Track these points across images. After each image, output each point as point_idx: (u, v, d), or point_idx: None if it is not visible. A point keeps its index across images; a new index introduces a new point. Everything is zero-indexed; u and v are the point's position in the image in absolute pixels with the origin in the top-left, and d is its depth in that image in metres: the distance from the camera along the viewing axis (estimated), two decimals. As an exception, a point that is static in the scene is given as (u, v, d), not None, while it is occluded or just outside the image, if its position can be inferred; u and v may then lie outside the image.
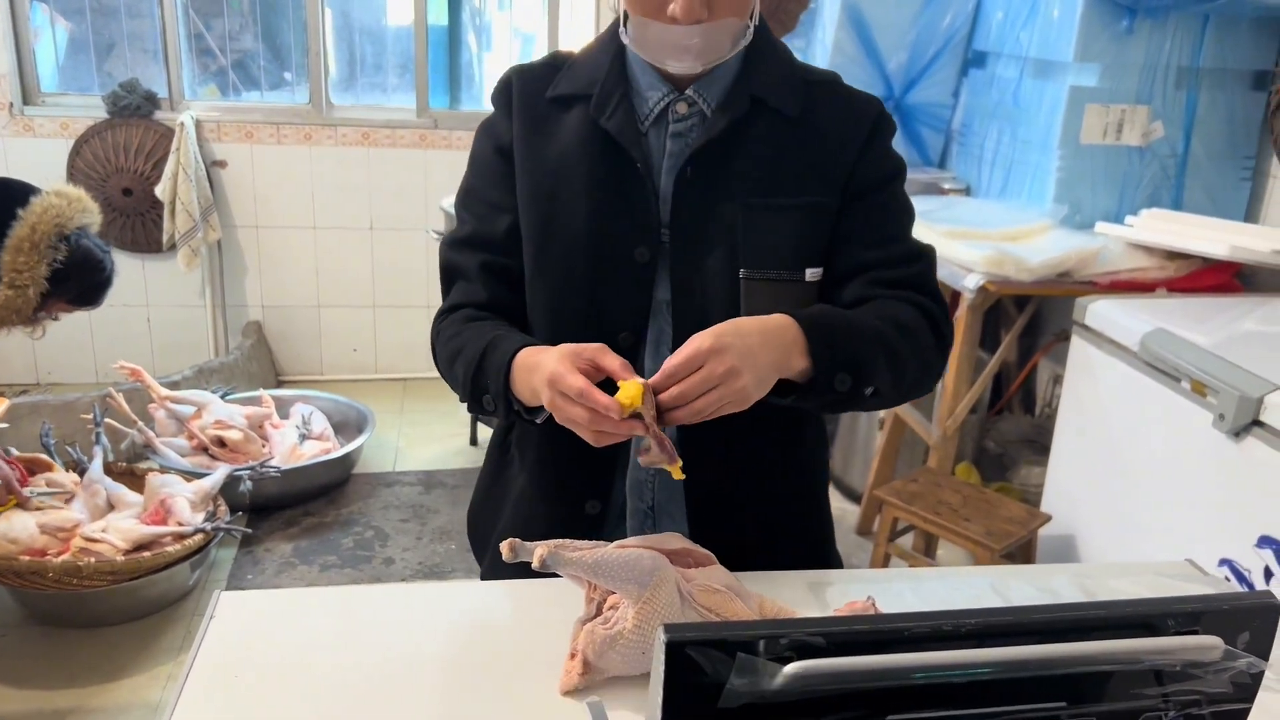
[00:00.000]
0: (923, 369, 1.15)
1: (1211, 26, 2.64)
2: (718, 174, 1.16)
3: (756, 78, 1.18)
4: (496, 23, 4.32)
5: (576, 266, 1.18)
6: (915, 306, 1.16)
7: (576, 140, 1.18)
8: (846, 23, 3.15)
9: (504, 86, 1.24)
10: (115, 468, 2.82)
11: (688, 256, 1.16)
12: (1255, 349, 2.05)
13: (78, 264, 2.15)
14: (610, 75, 1.19)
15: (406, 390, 4.01)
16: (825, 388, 1.05)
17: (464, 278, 1.24)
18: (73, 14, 3.88)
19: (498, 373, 1.09)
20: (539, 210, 1.19)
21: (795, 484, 1.29)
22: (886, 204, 1.21)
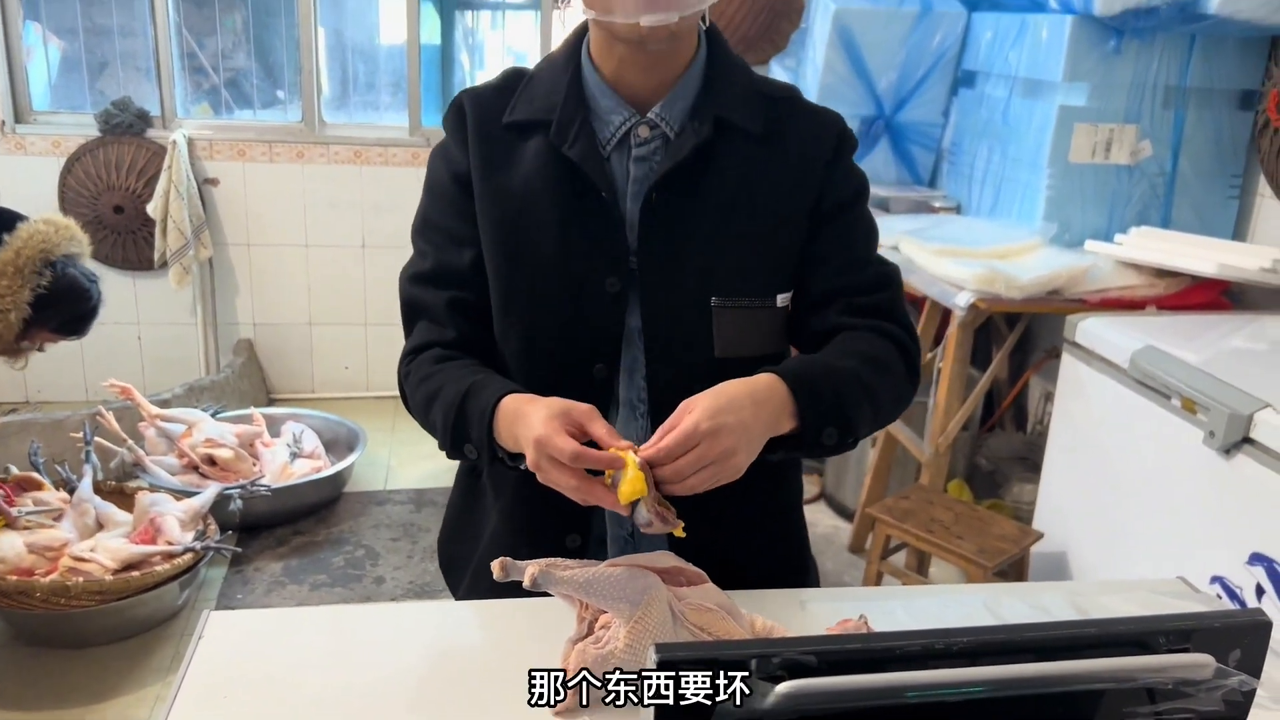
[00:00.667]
0: (895, 400, 1.17)
1: (1198, 47, 2.67)
2: (685, 200, 1.14)
3: (718, 97, 1.16)
4: (489, 41, 4.34)
5: (547, 300, 1.16)
6: (886, 337, 1.16)
7: (538, 169, 1.15)
8: (837, 42, 3.17)
9: (456, 111, 1.20)
10: (104, 486, 2.81)
11: (658, 285, 1.15)
12: (1245, 366, 2.06)
13: (62, 291, 2.16)
14: (569, 99, 1.15)
15: (398, 408, 3.98)
16: (813, 443, 1.07)
17: (429, 315, 1.21)
18: (65, 32, 3.89)
19: (481, 420, 1.07)
20: (504, 243, 1.17)
21: (772, 501, 1.29)
22: (853, 226, 1.21)
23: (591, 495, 0.99)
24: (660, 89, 1.15)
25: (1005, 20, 2.97)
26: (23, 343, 2.17)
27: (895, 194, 3.24)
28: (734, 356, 1.14)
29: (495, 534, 1.27)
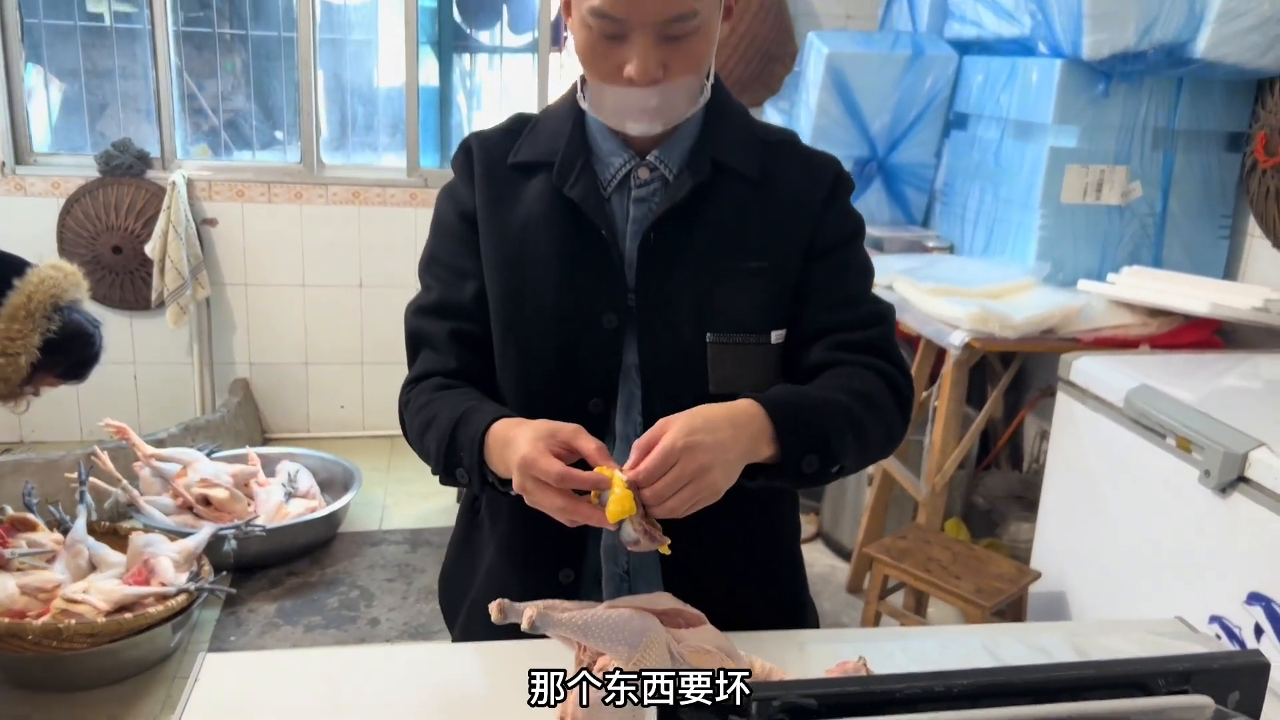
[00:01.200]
0: (885, 436, 1.17)
1: (1185, 90, 2.71)
2: (681, 239, 1.17)
3: (716, 140, 1.18)
4: (486, 84, 4.39)
5: (545, 334, 1.18)
6: (877, 372, 1.17)
7: (540, 208, 1.18)
8: (830, 85, 3.21)
9: (464, 153, 1.24)
10: (98, 527, 2.79)
11: (655, 322, 1.17)
12: (1239, 405, 2.07)
13: (70, 336, 2.18)
14: (571, 142, 1.19)
15: (394, 447, 3.99)
16: (793, 471, 1.06)
17: (431, 346, 1.23)
18: (66, 74, 3.93)
19: (471, 445, 1.08)
20: (506, 278, 1.19)
21: (767, 539, 1.29)
22: (847, 264, 1.22)
23: (579, 515, 0.99)
24: (661, 137, 1.18)
25: (996, 64, 3.01)
26: (25, 386, 2.18)
27: (889, 234, 3.27)
28: (729, 392, 1.15)
29: (491, 568, 1.28)
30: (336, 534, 3.32)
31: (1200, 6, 2.50)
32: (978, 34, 3.13)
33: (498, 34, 4.23)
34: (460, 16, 4.15)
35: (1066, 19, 2.59)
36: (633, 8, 1.04)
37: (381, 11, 4.10)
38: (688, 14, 1.05)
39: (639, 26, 1.05)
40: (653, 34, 1.06)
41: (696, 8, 1.06)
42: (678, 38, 1.07)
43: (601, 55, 1.09)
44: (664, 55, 1.07)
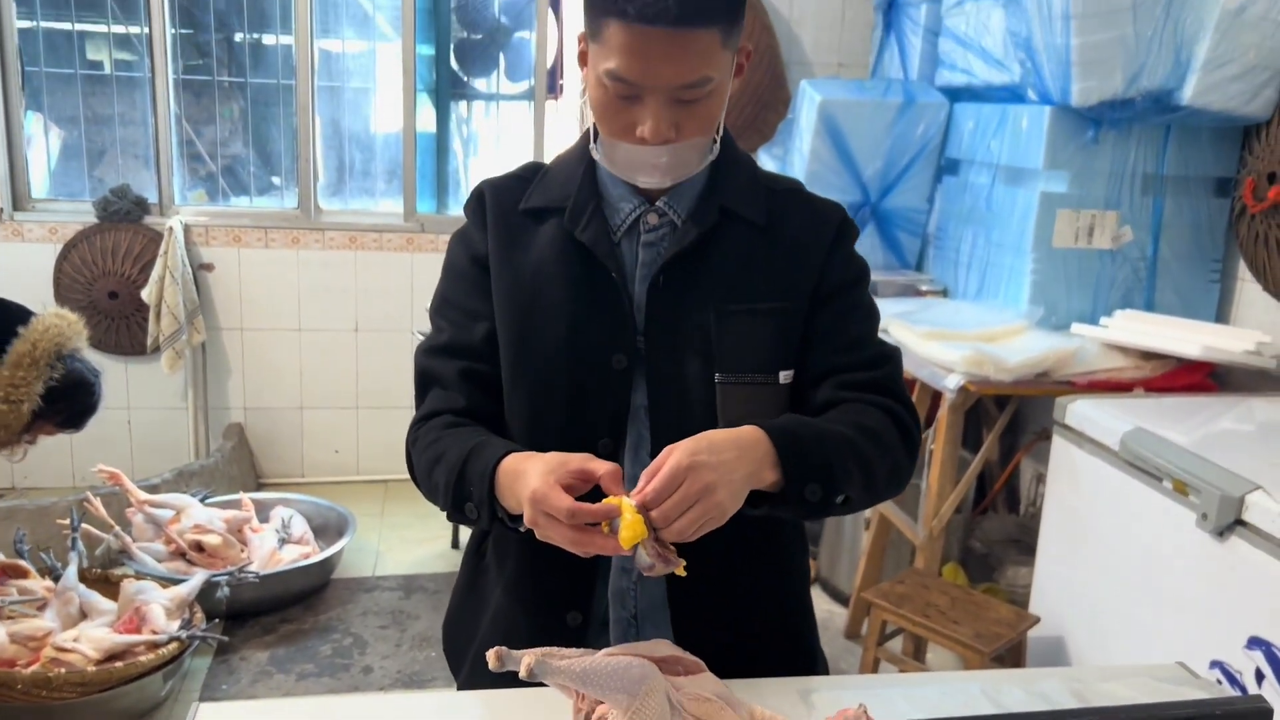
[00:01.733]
0: (892, 472, 1.16)
1: (1173, 137, 2.75)
2: (690, 282, 1.19)
3: (724, 189, 1.21)
4: (483, 130, 4.43)
5: (555, 373, 1.19)
6: (883, 410, 1.17)
7: (552, 251, 1.21)
8: (823, 132, 3.25)
9: (477, 199, 1.27)
10: (90, 574, 2.77)
11: (663, 362, 1.18)
12: (1234, 448, 2.07)
13: (73, 385, 2.19)
14: (583, 188, 1.22)
15: (388, 492, 3.97)
16: (797, 498, 1.06)
17: (441, 384, 1.24)
18: (65, 121, 3.96)
19: (481, 480, 1.08)
20: (517, 319, 1.21)
21: (777, 585, 1.29)
22: (853, 307, 1.24)
23: (592, 546, 0.99)
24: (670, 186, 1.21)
25: (986, 111, 3.06)
26: (24, 435, 2.18)
27: (883, 278, 3.29)
28: None
29: (498, 611, 1.28)
30: (330, 580, 3.29)
31: (1186, 55, 2.54)
32: (968, 81, 3.18)
33: (494, 81, 4.28)
34: (457, 64, 4.20)
35: (1055, 67, 2.63)
36: (648, 74, 1.07)
37: (379, 59, 4.15)
38: (701, 81, 1.08)
39: (653, 90, 1.08)
40: (666, 97, 1.09)
41: (710, 74, 1.09)
42: (690, 101, 1.10)
43: (616, 113, 1.12)
44: (676, 116, 1.10)
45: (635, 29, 1.04)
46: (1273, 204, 2.59)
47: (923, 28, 3.44)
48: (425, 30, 4.06)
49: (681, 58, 1.06)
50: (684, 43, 1.05)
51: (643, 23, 1.04)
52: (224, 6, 3.95)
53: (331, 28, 4.04)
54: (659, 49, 1.05)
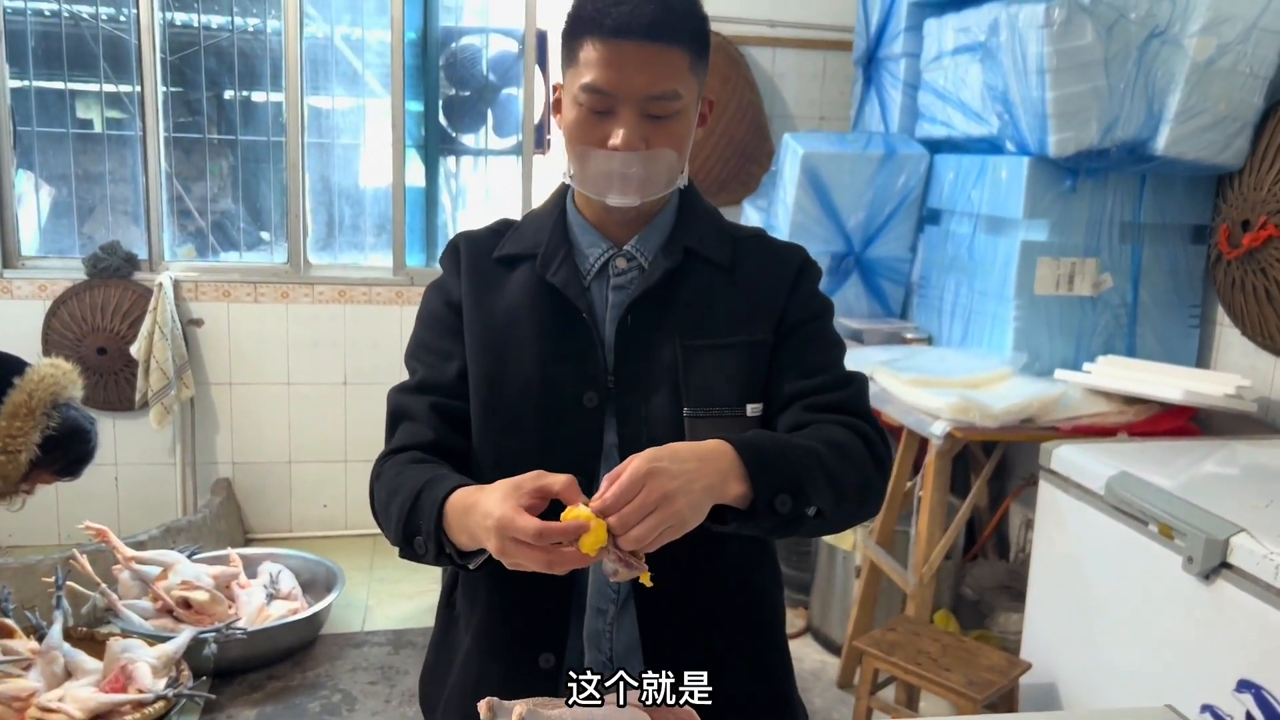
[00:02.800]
0: (862, 487, 1.17)
1: (1149, 185, 2.80)
2: (656, 320, 1.23)
3: (689, 232, 1.27)
4: (471, 185, 4.49)
5: (526, 412, 1.22)
6: (848, 428, 1.19)
7: (524, 295, 1.25)
8: (806, 184, 3.31)
9: (452, 250, 1.32)
10: (75, 633, 2.74)
11: (633, 399, 1.21)
12: (1218, 491, 2.09)
13: (69, 434, 2.20)
14: (554, 236, 1.27)
15: (376, 546, 3.95)
16: (766, 510, 1.06)
17: (411, 418, 1.26)
18: (56, 179, 3.99)
19: (430, 512, 1.09)
20: (488, 360, 1.24)
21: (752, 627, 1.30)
22: (814, 337, 1.27)
23: (562, 563, 0.99)
24: (637, 229, 1.26)
25: (966, 162, 3.12)
26: (21, 484, 2.18)
27: (868, 326, 3.33)
28: None
29: (468, 655, 1.27)
30: (318, 636, 3.26)
31: (1158, 106, 2.61)
32: (947, 134, 3.24)
33: (482, 137, 4.34)
34: (446, 120, 4.26)
35: (1032, 119, 2.69)
36: (621, 83, 1.14)
37: (368, 115, 4.21)
38: (670, 94, 1.16)
39: (626, 101, 1.15)
40: (637, 110, 1.16)
41: (678, 89, 1.16)
42: (660, 117, 1.17)
43: (589, 128, 1.18)
44: (647, 130, 1.17)
45: (610, 43, 1.14)
46: (1248, 250, 2.64)
47: (902, 82, 3.51)
48: (414, 87, 4.12)
49: (652, 68, 1.15)
50: (654, 55, 1.15)
51: (617, 36, 1.14)
52: (215, 65, 4.00)
53: (321, 85, 4.10)
54: (632, 59, 1.14)
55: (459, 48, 4.23)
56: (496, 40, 4.25)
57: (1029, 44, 2.61)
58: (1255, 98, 2.60)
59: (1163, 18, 2.56)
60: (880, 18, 3.65)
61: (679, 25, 1.16)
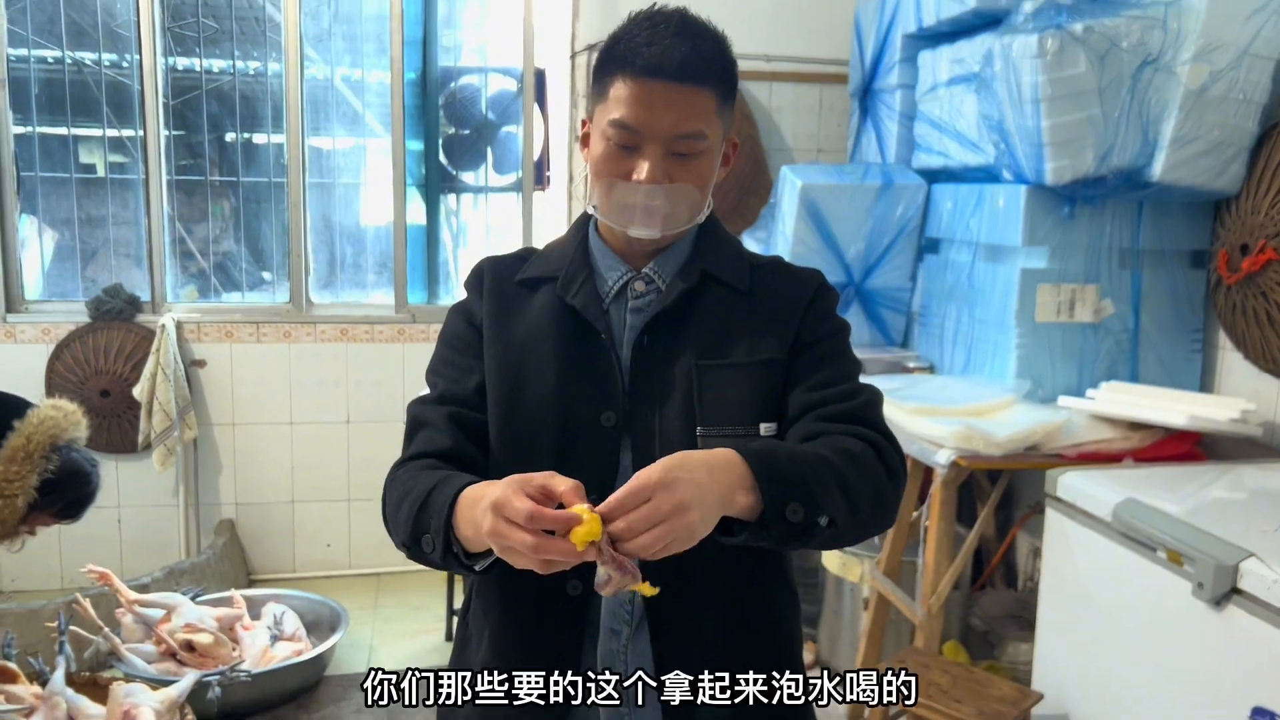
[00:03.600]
0: (876, 498, 1.15)
1: (1146, 211, 2.81)
2: (673, 339, 1.24)
3: (707, 257, 1.29)
4: (472, 222, 4.51)
5: (544, 431, 1.23)
6: (860, 438, 1.18)
7: (544, 316, 1.28)
8: (805, 215, 3.32)
9: (476, 274, 1.35)
10: (78, 678, 2.72)
11: (648, 419, 1.22)
12: (1225, 516, 2.08)
13: (68, 476, 2.18)
14: (574, 261, 1.30)
15: (380, 585, 3.93)
16: (777, 519, 1.05)
17: (429, 427, 1.27)
18: (59, 224, 4.02)
19: (440, 509, 1.09)
20: (508, 379, 1.26)
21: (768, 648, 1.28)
22: (830, 353, 1.28)
23: (550, 551, 0.97)
24: (655, 250, 1.29)
25: (963, 191, 3.13)
26: (21, 526, 2.17)
27: (870, 355, 3.33)
28: None
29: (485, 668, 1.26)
30: (323, 677, 3.23)
31: (1153, 134, 2.62)
32: (944, 163, 3.26)
33: (482, 175, 4.37)
34: (446, 159, 4.29)
35: (1028, 148, 2.71)
36: (650, 121, 1.18)
37: (369, 155, 4.24)
38: (697, 134, 1.19)
39: (652, 139, 1.18)
40: (663, 147, 1.19)
41: (705, 130, 1.20)
42: (685, 155, 1.20)
43: (615, 161, 1.21)
44: (671, 167, 1.20)
45: (640, 82, 1.18)
46: (1247, 274, 2.64)
47: (898, 113, 3.54)
48: (415, 126, 4.16)
49: (680, 108, 1.18)
50: (683, 96, 1.18)
51: (647, 76, 1.17)
52: (217, 108, 4.04)
53: (322, 126, 4.14)
54: (661, 99, 1.18)
55: (458, 87, 4.27)
56: (495, 79, 4.29)
57: (1023, 74, 2.63)
58: (1249, 123, 2.62)
59: (1155, 46, 2.58)
60: (875, 51, 3.68)
61: (708, 68, 1.19)
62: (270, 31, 3.99)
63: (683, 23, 1.20)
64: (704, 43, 1.20)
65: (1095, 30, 2.56)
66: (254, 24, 4.03)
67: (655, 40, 1.18)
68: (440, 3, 4.17)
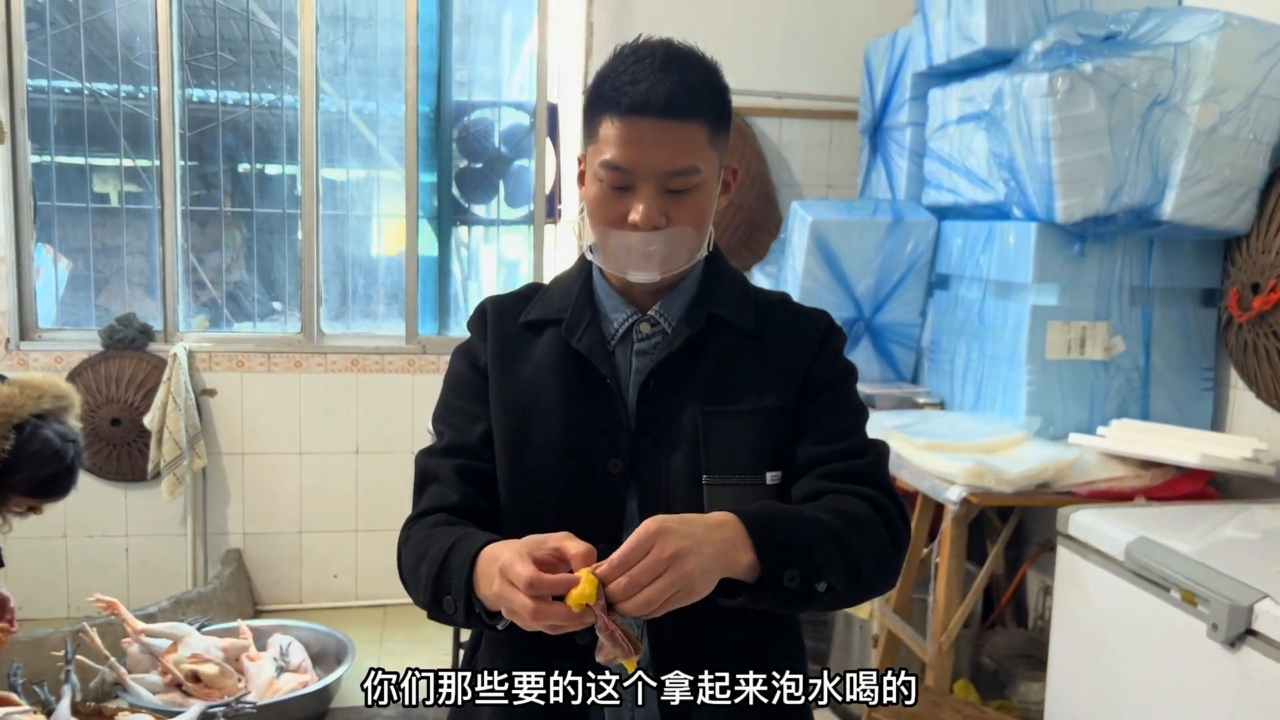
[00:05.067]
0: (878, 562, 1.15)
1: (1157, 249, 2.82)
2: (679, 385, 1.23)
3: (713, 297, 1.27)
4: (483, 254, 4.54)
5: (551, 479, 1.22)
6: (864, 499, 1.18)
7: (549, 360, 1.26)
8: (815, 251, 3.34)
9: (479, 315, 1.34)
10: (83, 708, 2.70)
11: (654, 466, 1.21)
12: (1239, 556, 2.07)
13: (29, 455, 2.05)
14: (579, 301, 1.28)
15: (386, 617, 3.91)
16: (774, 584, 1.05)
17: (437, 481, 1.26)
18: (74, 252, 4.05)
19: (460, 569, 1.09)
20: (513, 426, 1.25)
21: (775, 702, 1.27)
22: (837, 401, 1.27)
23: (547, 617, 0.98)
24: (662, 295, 1.27)
25: (974, 228, 3.14)
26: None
27: (880, 391, 3.32)
28: None
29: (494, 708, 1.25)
30: (329, 709, 3.21)
31: (1163, 172, 2.63)
32: (954, 200, 3.28)
33: (494, 207, 4.40)
34: (458, 191, 4.32)
35: (1039, 185, 2.72)
36: (640, 161, 1.16)
37: (382, 187, 4.27)
38: (690, 169, 1.17)
39: (645, 178, 1.16)
40: (656, 185, 1.17)
41: (697, 164, 1.17)
42: (680, 191, 1.18)
43: (610, 204, 1.19)
44: (666, 205, 1.18)
45: (628, 120, 1.15)
46: (1259, 313, 2.64)
47: (908, 150, 3.56)
48: (428, 159, 4.19)
49: (670, 145, 1.16)
50: (672, 132, 1.15)
51: (634, 114, 1.15)
52: (232, 140, 4.09)
53: (336, 158, 4.18)
54: (650, 137, 1.15)
55: (471, 121, 4.31)
56: (508, 113, 4.33)
57: (1033, 112, 2.65)
58: (1260, 163, 2.63)
59: (1164, 86, 2.59)
60: (885, 88, 3.71)
61: (697, 100, 1.17)
62: (286, 65, 4.04)
63: (667, 55, 1.17)
64: (690, 74, 1.17)
65: (1105, 70, 2.58)
66: (270, 57, 4.08)
67: (640, 77, 1.15)
68: (454, 38, 4.23)
